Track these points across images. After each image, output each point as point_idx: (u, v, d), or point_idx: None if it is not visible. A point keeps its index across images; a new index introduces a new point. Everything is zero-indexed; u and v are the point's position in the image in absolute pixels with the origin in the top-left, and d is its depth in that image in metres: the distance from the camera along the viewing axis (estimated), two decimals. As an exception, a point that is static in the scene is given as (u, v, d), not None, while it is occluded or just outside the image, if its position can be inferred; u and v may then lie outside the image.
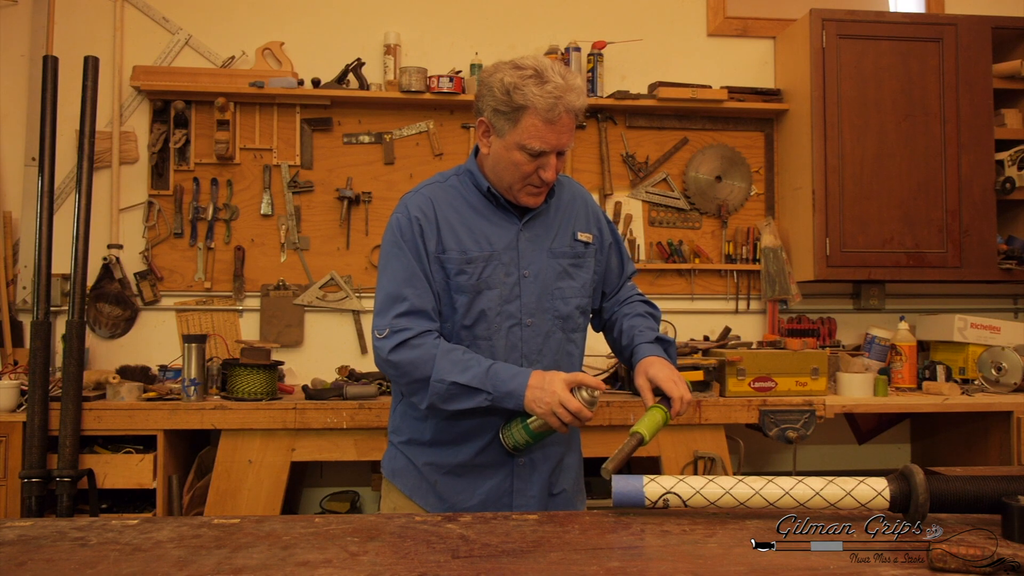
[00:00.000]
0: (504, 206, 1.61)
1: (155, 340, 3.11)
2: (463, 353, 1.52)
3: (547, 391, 1.44)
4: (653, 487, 1.20)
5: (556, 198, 1.68)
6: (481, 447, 1.58)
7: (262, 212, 3.16)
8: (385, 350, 1.52)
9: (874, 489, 1.16)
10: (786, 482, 1.18)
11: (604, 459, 1.36)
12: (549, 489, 1.64)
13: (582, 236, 1.68)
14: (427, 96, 3.12)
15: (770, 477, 1.20)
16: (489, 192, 1.61)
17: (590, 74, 3.26)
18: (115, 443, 2.57)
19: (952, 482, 1.16)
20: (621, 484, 1.21)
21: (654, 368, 1.54)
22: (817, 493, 1.17)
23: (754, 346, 3.03)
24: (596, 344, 2.26)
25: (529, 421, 1.51)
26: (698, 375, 2.72)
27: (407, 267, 1.55)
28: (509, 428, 1.54)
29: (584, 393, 1.45)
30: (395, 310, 1.53)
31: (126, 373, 2.78)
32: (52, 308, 2.69)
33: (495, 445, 1.58)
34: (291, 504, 3.01)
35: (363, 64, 3.15)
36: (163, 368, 2.98)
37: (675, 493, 1.19)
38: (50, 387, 2.51)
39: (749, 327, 3.37)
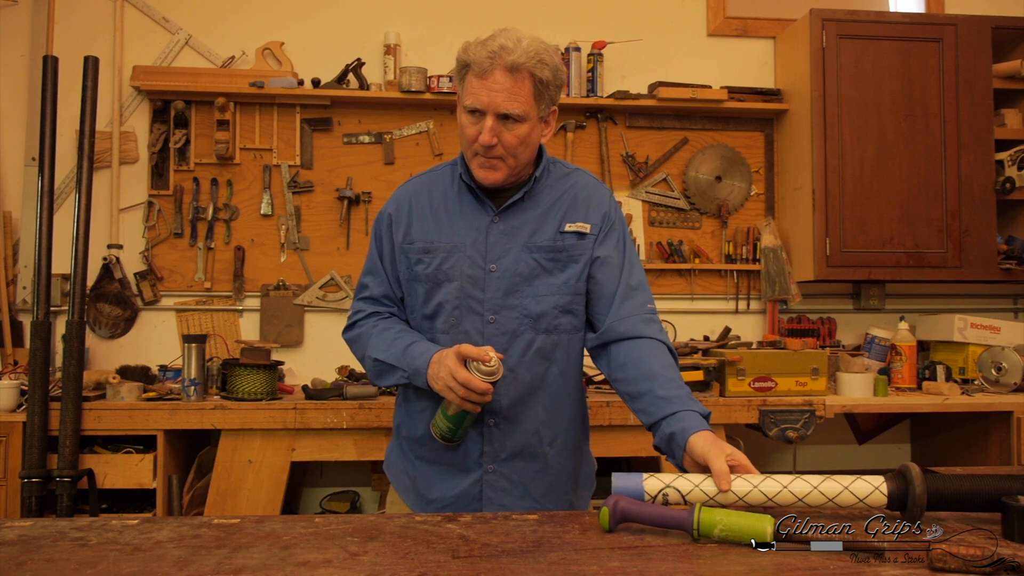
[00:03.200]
0: (480, 196, 1.53)
1: (155, 340, 3.11)
2: (396, 332, 1.55)
3: (442, 366, 1.39)
4: (652, 482, 1.20)
5: (550, 189, 1.56)
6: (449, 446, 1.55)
7: (262, 212, 3.16)
8: (343, 330, 1.67)
9: (872, 484, 1.16)
10: (784, 478, 1.18)
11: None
12: (527, 506, 1.54)
13: (572, 227, 1.53)
14: (427, 96, 3.12)
15: (768, 474, 1.21)
16: (461, 180, 1.55)
17: (590, 74, 3.26)
18: (115, 443, 2.57)
19: (950, 480, 1.16)
20: (621, 480, 1.21)
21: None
22: (815, 488, 1.17)
23: (754, 346, 3.03)
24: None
25: (445, 405, 1.44)
26: (698, 375, 2.72)
27: (372, 258, 1.64)
28: (435, 417, 1.47)
29: (481, 366, 1.35)
30: (358, 296, 1.66)
31: (126, 373, 2.79)
32: (52, 308, 2.69)
33: (465, 446, 1.53)
34: (291, 504, 3.01)
35: (363, 64, 3.15)
36: (163, 368, 2.98)
37: (675, 488, 1.19)
38: (50, 387, 2.51)
39: (749, 327, 3.37)
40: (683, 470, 1.29)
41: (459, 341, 1.49)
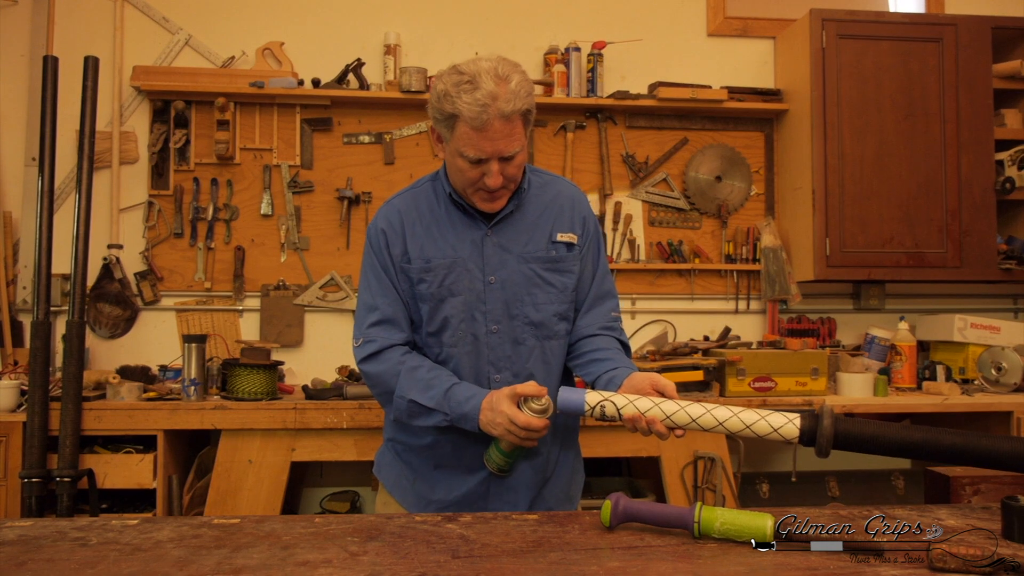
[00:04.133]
0: (470, 211, 1.56)
1: (155, 340, 3.11)
2: (428, 371, 1.53)
3: (496, 411, 1.41)
4: (593, 395, 1.33)
5: (534, 199, 1.61)
6: (460, 449, 1.57)
7: (262, 212, 3.16)
8: (357, 359, 1.59)
9: (786, 417, 1.25)
10: (709, 404, 1.29)
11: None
12: (530, 497, 1.60)
13: (562, 237, 1.60)
14: (427, 96, 3.11)
15: (698, 401, 1.32)
16: (451, 198, 1.57)
17: (590, 74, 3.26)
18: (115, 443, 2.57)
19: (858, 424, 1.25)
20: (566, 393, 1.34)
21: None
22: (735, 415, 1.26)
23: (754, 346, 3.03)
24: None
25: (498, 441, 1.48)
26: (698, 375, 2.72)
27: (379, 278, 1.58)
28: (488, 453, 1.52)
29: (533, 404, 1.41)
30: (368, 320, 1.58)
31: (126, 373, 2.79)
32: (52, 308, 2.69)
33: (473, 448, 1.56)
34: (291, 504, 3.01)
35: (363, 64, 3.15)
36: (163, 368, 2.98)
37: (611, 401, 1.31)
38: (50, 387, 2.51)
39: (749, 327, 3.37)
40: None
41: (466, 353, 1.55)
